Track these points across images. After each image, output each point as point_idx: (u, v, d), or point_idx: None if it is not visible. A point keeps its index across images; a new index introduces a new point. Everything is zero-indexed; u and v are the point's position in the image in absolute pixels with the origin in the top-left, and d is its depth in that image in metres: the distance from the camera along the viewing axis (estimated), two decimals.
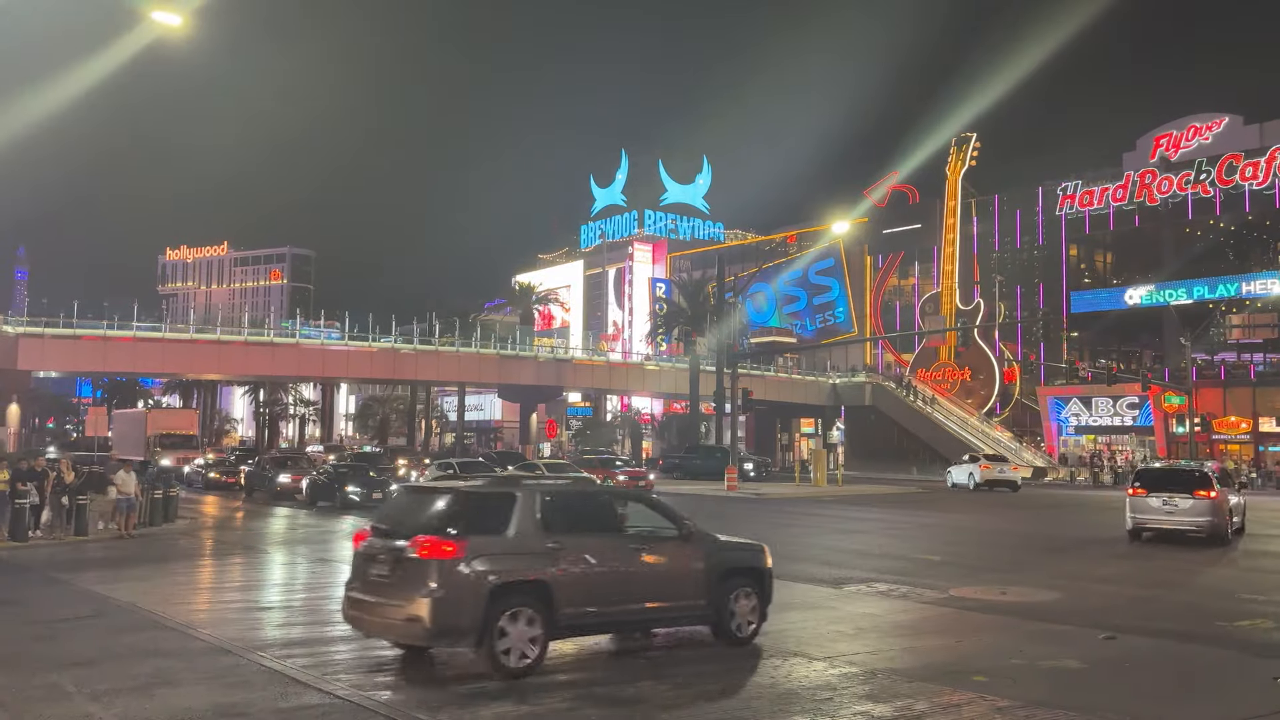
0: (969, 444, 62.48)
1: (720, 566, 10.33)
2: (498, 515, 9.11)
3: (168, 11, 18.98)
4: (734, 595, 10.25)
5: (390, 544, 9.06)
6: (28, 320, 48.03)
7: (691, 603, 10.01)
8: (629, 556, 9.69)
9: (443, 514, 9.07)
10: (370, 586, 9.15)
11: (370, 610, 9.08)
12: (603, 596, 9.34)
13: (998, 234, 73.66)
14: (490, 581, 8.64)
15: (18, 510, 19.64)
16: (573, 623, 9.20)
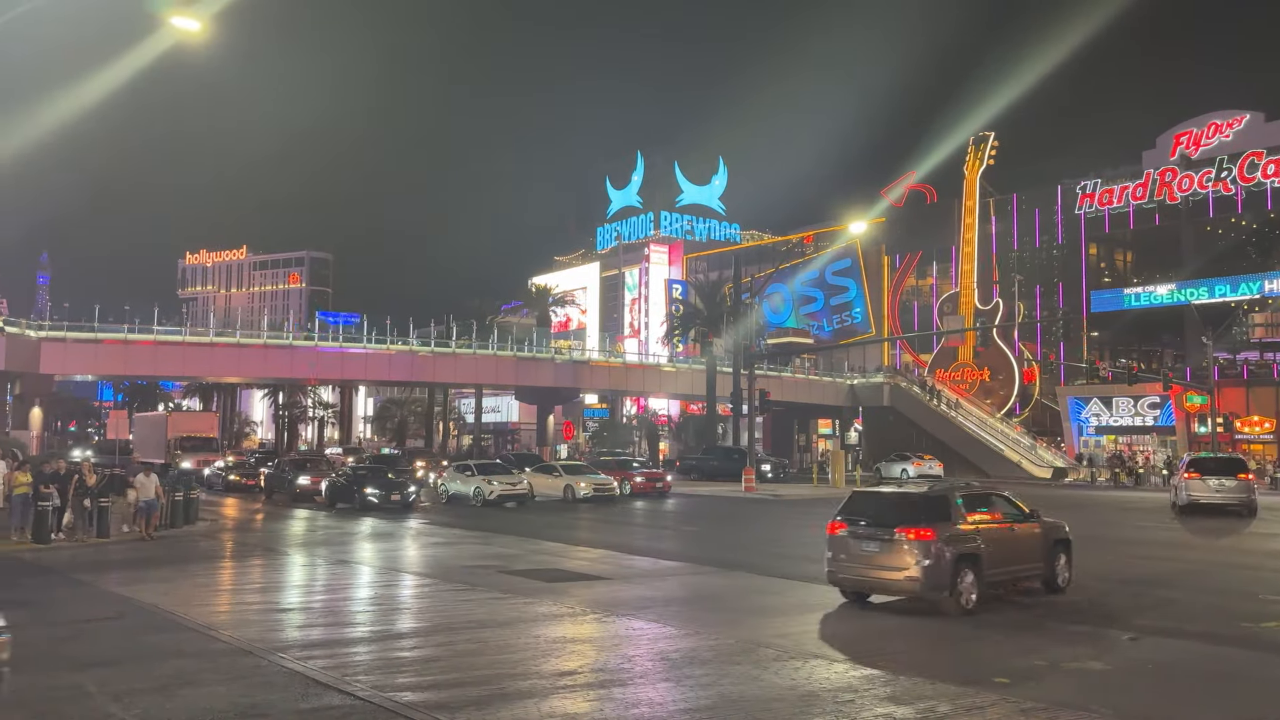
0: (988, 444, 62.12)
1: (1050, 537, 14.45)
2: (943, 510, 12.99)
3: (186, 17, 19.08)
4: (1057, 558, 14.47)
5: (878, 530, 12.91)
6: (50, 324, 48.46)
7: (1037, 565, 14.11)
8: (1009, 534, 13.75)
9: (914, 510, 13.03)
10: (862, 559, 13.02)
11: (869, 574, 12.98)
12: (1001, 560, 13.32)
13: (1016, 233, 73.22)
14: (952, 553, 12.54)
15: (40, 512, 19.80)
16: (990, 579, 13.07)
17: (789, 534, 24.67)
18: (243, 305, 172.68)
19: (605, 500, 34.59)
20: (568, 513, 30.81)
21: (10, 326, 45.96)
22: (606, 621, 12.06)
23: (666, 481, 40.19)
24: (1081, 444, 65.17)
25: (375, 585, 16.08)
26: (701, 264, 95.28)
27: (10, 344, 44.56)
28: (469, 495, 33.23)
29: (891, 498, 13.86)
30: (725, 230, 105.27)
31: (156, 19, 19.50)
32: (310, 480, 34.96)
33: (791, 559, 18.78)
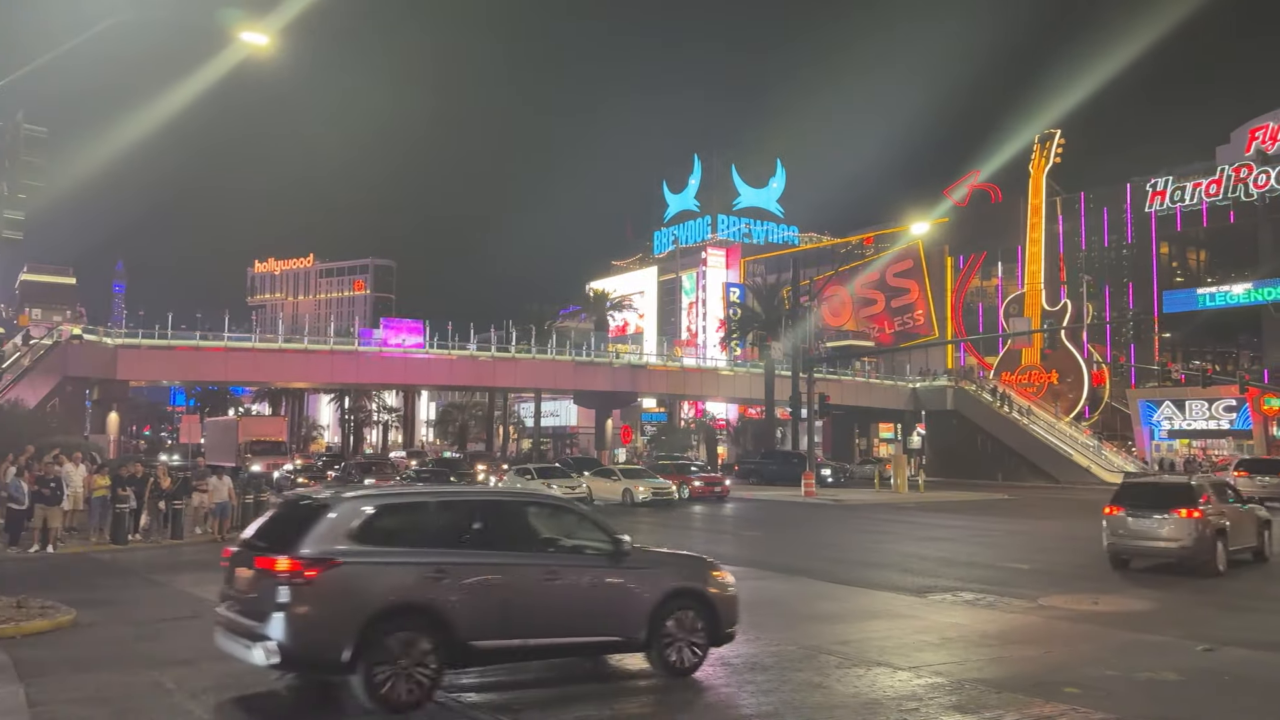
0: (1056, 449, 60.77)
1: (1261, 518, 18.93)
2: (1201, 496, 16.70)
3: (255, 32, 19.61)
4: (1264, 534, 18.79)
5: (1153, 511, 16.85)
6: (125, 332, 49.99)
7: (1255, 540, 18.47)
8: (1239, 514, 17.70)
9: (1181, 495, 16.75)
10: (1138, 533, 17.10)
11: (1145, 544, 17.11)
12: (1237, 536, 17.62)
13: (1084, 232, 71.56)
14: (1211, 528, 16.33)
15: (118, 515, 20.44)
16: (1230, 549, 17.24)
17: (850, 539, 24.43)
18: (309, 312, 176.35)
19: (663, 504, 34.61)
20: (626, 516, 30.87)
21: (89, 334, 47.53)
22: None
23: (725, 486, 40.08)
24: (1153, 448, 63.44)
25: None
26: (759, 267, 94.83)
27: (88, 351, 46.10)
28: None
29: (1162, 485, 18.61)
30: (783, 233, 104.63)
31: (226, 34, 20.08)
32: (375, 483, 35.59)
33: (853, 565, 18.61)
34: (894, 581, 16.11)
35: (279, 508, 9.42)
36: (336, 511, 8.24)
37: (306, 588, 7.65)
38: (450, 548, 8.40)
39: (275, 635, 7.60)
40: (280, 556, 7.80)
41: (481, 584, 8.28)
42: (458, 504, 9.39)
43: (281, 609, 7.61)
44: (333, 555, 7.83)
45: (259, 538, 8.59)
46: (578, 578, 8.90)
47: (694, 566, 9.98)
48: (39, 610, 11.66)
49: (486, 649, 8.33)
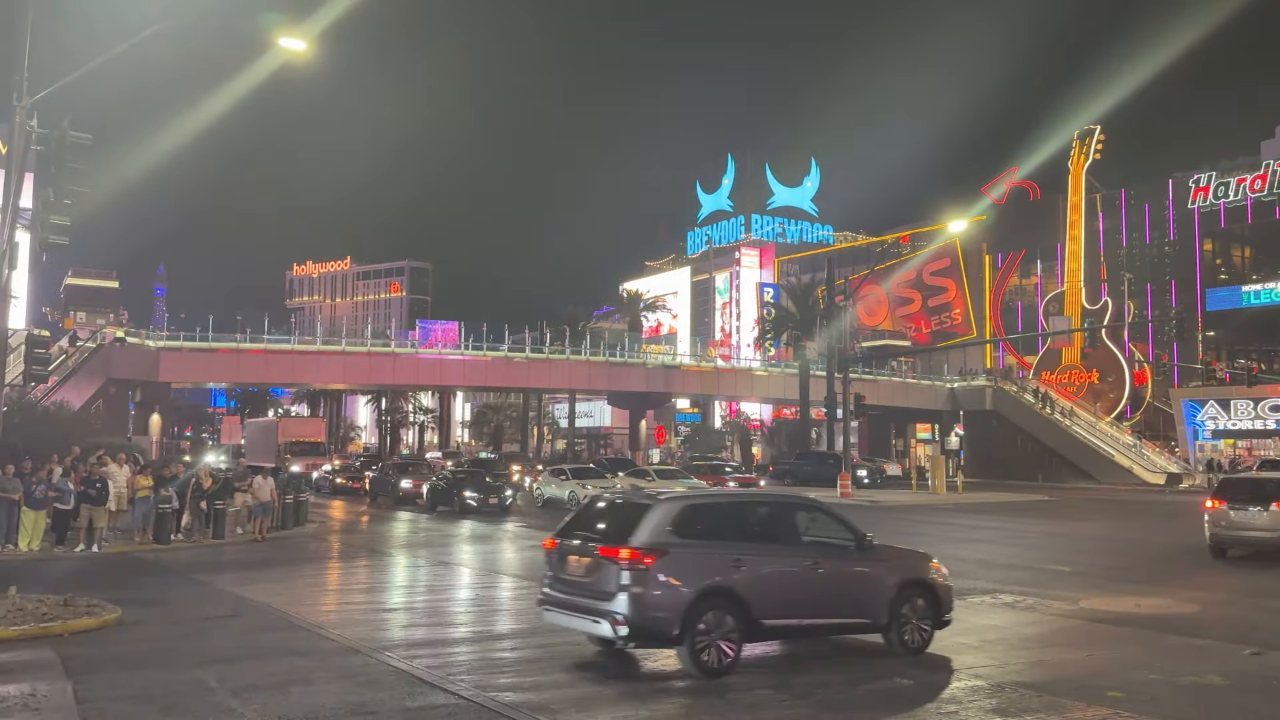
0: (1097, 449, 59.93)
1: None
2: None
3: (293, 38, 19.87)
4: None
5: (1252, 503, 18.75)
6: (167, 335, 50.85)
7: None
8: None
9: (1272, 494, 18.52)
10: (1238, 524, 18.83)
11: (1244, 534, 18.94)
12: None
13: (1125, 230, 70.52)
14: None
15: (161, 515, 20.79)
16: None
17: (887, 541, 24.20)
18: (347, 314, 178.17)
19: None
20: None
21: (131, 337, 48.39)
22: None
23: (760, 486, 39.94)
24: (1197, 448, 62.33)
25: (475, 587, 16.42)
26: (793, 266, 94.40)
27: (131, 354, 46.94)
28: (563, 499, 33.62)
29: (1260, 480, 20.64)
30: (818, 232, 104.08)
31: (266, 40, 20.35)
32: (412, 484, 35.89)
33: None
34: None
35: (597, 505, 10.77)
36: (660, 510, 9.69)
37: (645, 572, 9.10)
38: (743, 541, 9.94)
39: (621, 611, 9.01)
40: (621, 547, 9.23)
41: (768, 572, 9.76)
42: (745, 504, 11.67)
43: (624, 590, 9.06)
44: (662, 546, 9.28)
45: (582, 531, 10.10)
46: (837, 567, 10.27)
47: (919, 559, 11.28)
48: (85, 609, 11.89)
49: (772, 626, 9.79)
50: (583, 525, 10.22)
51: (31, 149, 19.29)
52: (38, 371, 21.52)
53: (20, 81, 19.12)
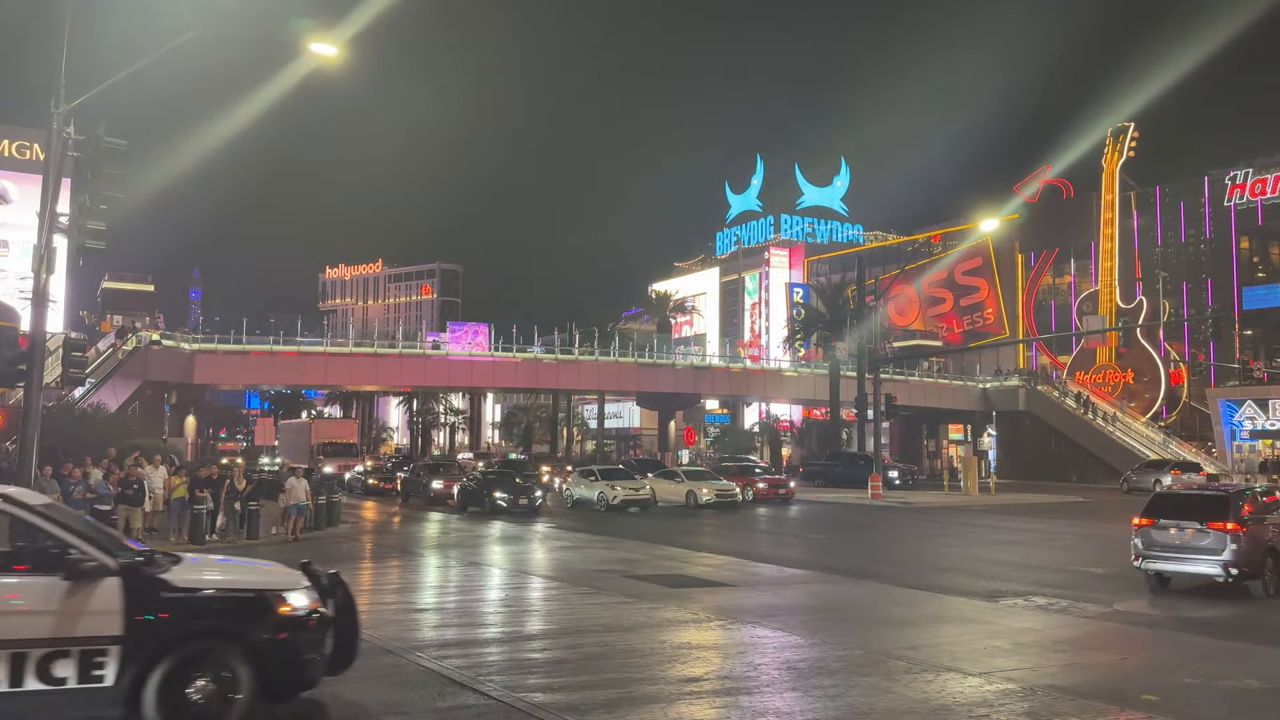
0: (1133, 450, 59.13)
1: None
2: None
3: (324, 43, 20.09)
4: None
5: None
6: (202, 337, 51.50)
7: None
8: None
9: None
10: None
11: None
12: None
13: (1160, 228, 69.56)
14: None
15: (196, 515, 21.07)
16: None
17: (919, 543, 24.07)
18: (379, 316, 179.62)
19: (727, 506, 34.51)
20: (690, 518, 30.87)
21: (166, 340, 49.06)
22: (731, 629, 12.05)
23: (790, 488, 39.80)
24: (1234, 449, 61.34)
25: (505, 587, 16.49)
26: (823, 267, 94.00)
27: (167, 356, 47.58)
28: (593, 500, 33.69)
29: None
30: (848, 232, 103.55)
31: (298, 46, 20.57)
32: (443, 484, 36.08)
33: (922, 569, 18.34)
34: (964, 586, 15.83)
35: (1175, 496, 16.96)
36: (1234, 500, 15.13)
37: (1242, 537, 14.44)
38: None
39: (1230, 560, 14.35)
40: (1226, 523, 14.48)
41: None
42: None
43: (1230, 550, 14.35)
44: (1243, 521, 14.66)
45: (1168, 514, 15.22)
46: None
47: None
48: None
49: None
50: (1167, 511, 15.29)
51: (69, 155, 19.64)
52: (74, 374, 21.91)
53: (57, 88, 19.49)
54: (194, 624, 6.99)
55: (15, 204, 54.55)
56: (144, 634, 6.74)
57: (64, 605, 6.63)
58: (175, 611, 6.91)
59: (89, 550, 6.89)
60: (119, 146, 19.35)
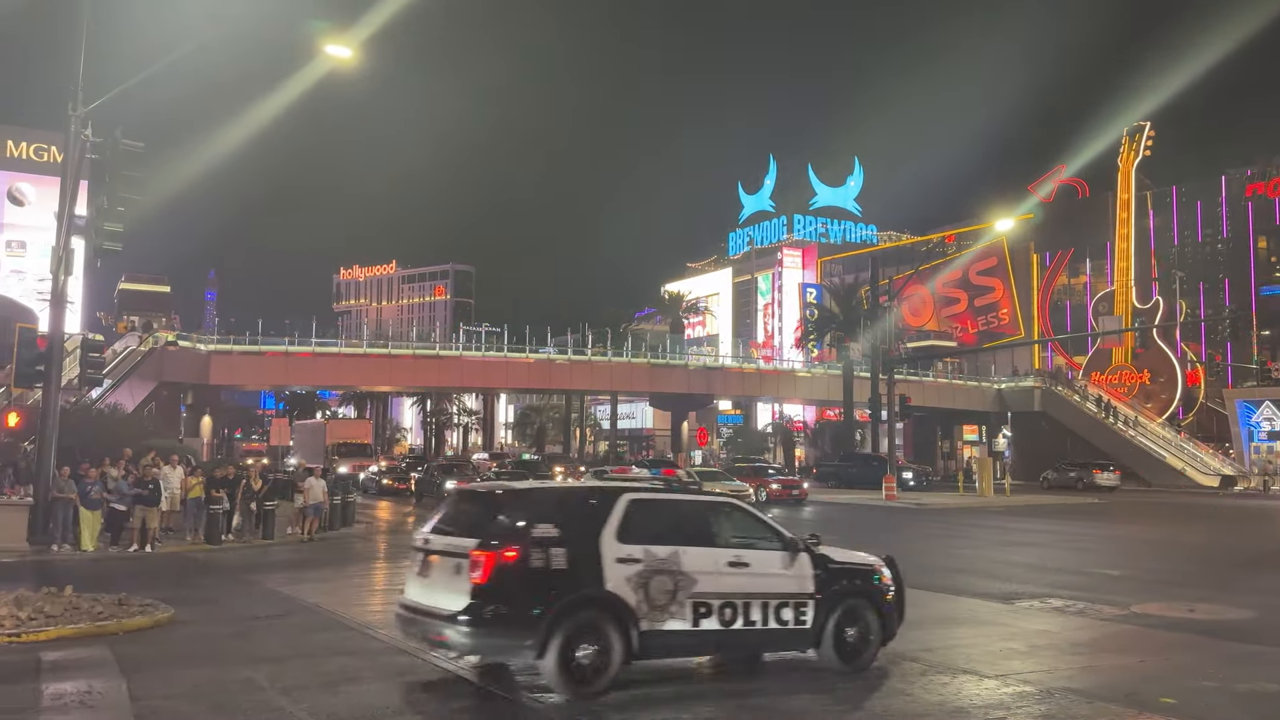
0: (1149, 451, 58.81)
1: None
2: None
3: (339, 44, 20.17)
4: None
5: None
6: (218, 338, 51.78)
7: None
8: None
9: None
10: None
11: None
12: None
13: (1176, 227, 69.18)
14: None
15: (212, 516, 21.16)
16: None
17: (933, 544, 23.96)
18: (393, 317, 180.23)
19: None
20: None
21: (183, 341, 49.34)
22: None
23: (803, 489, 39.72)
24: (1252, 450, 60.89)
25: None
26: (837, 267, 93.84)
27: (183, 357, 47.87)
28: None
29: None
30: (861, 232, 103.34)
31: (312, 48, 20.66)
32: (457, 485, 36.10)
33: (936, 570, 18.25)
34: (979, 587, 15.75)
35: None
36: None
37: None
38: None
39: None
40: None
41: None
42: None
43: None
44: None
45: None
46: None
47: None
48: (139, 608, 12.12)
49: None
50: None
51: (86, 157, 19.78)
52: (92, 375, 22.08)
53: (75, 92, 19.64)
54: (848, 585, 9.53)
55: (33, 206, 54.96)
56: (827, 592, 9.29)
57: (786, 573, 9.20)
58: (839, 577, 9.49)
59: (787, 536, 9.47)
60: (136, 149, 19.46)
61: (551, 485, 11.41)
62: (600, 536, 8.35)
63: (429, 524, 9.17)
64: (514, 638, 8.02)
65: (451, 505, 9.52)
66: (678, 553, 8.56)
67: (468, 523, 8.66)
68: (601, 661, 8.12)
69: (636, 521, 8.59)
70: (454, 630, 8.05)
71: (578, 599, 8.14)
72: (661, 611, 8.37)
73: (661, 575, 8.39)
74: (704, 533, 9.08)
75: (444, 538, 8.64)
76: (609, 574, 8.23)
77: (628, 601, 8.22)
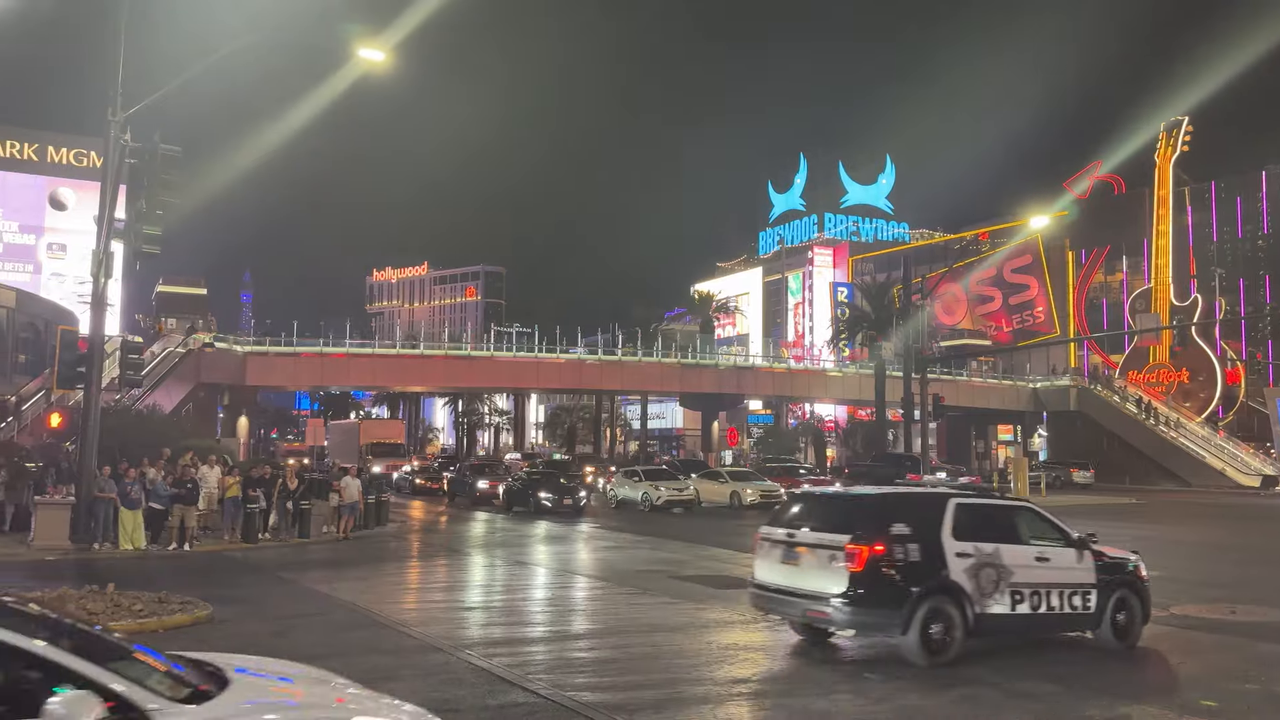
0: (1188, 451, 57.92)
1: None
2: None
3: (372, 48, 20.35)
4: None
5: None
6: (254, 339, 52.40)
7: None
8: None
9: None
10: None
11: None
12: None
13: (1215, 223, 68.09)
14: None
15: (249, 515, 21.43)
16: None
17: None
18: (425, 319, 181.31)
19: (772, 507, 34.25)
20: (734, 519, 30.78)
21: (220, 342, 50.00)
22: (779, 630, 11.99)
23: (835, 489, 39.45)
24: None
25: (551, 587, 16.58)
26: (868, 265, 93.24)
27: (220, 358, 48.50)
28: (636, 500, 33.73)
29: None
30: (893, 230, 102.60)
31: (346, 52, 20.85)
32: (489, 484, 36.34)
33: None
34: None
35: None
36: None
37: None
38: None
39: None
40: None
41: None
42: None
43: None
44: None
45: None
46: None
47: None
48: (179, 605, 12.31)
49: None
50: None
51: (125, 162, 20.08)
52: (131, 376, 22.41)
53: (114, 98, 19.96)
54: (1119, 576, 10.85)
55: (73, 210, 56.00)
56: (1104, 582, 10.61)
57: (1077, 566, 10.55)
58: (1112, 569, 10.81)
59: (1074, 535, 10.86)
60: (174, 153, 19.72)
61: (895, 490, 12.70)
62: (940, 534, 9.90)
63: (776, 521, 10.96)
64: (884, 616, 9.62)
65: (803, 506, 11.13)
66: (998, 549, 10.07)
67: (831, 521, 10.17)
68: (949, 637, 9.60)
69: (963, 522, 10.08)
70: (833, 608, 9.61)
71: (932, 585, 9.62)
72: (987, 597, 9.83)
73: (988, 567, 9.89)
74: (1011, 531, 10.52)
75: (813, 533, 10.14)
76: (951, 565, 9.76)
77: (965, 588, 9.72)
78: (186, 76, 20.10)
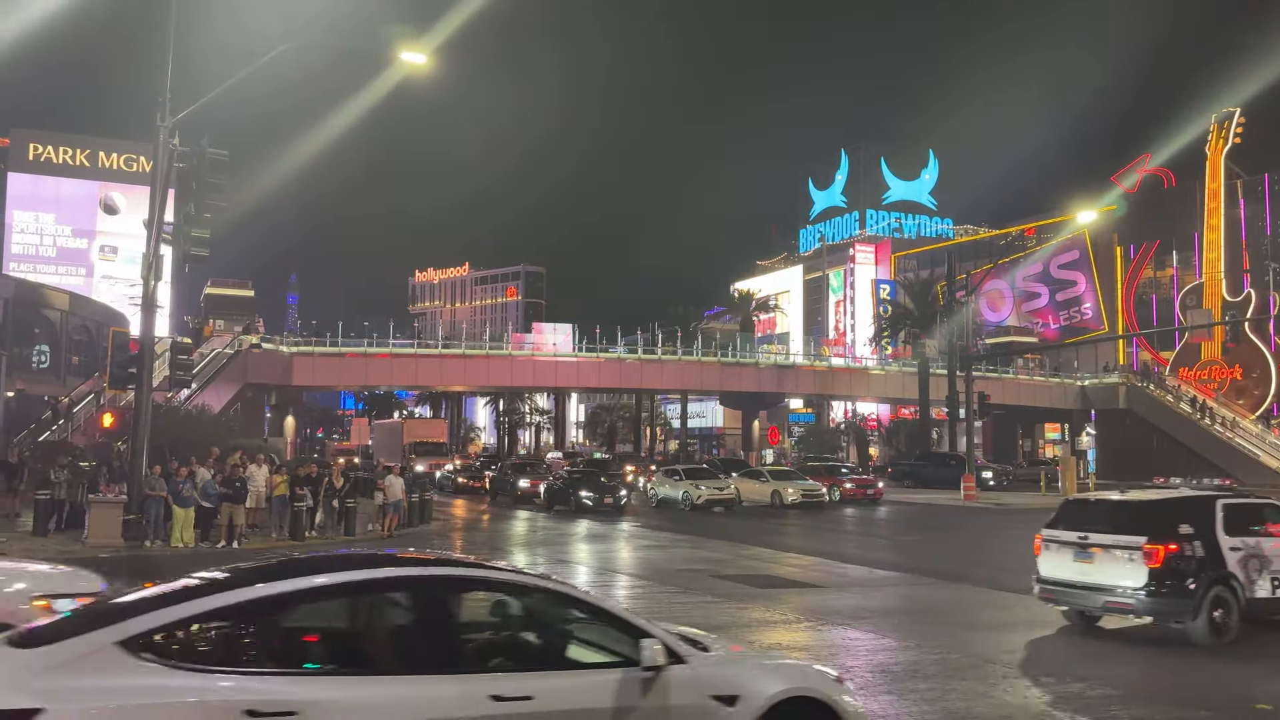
0: (1242, 450, 56.62)
1: None
2: None
3: (414, 50, 20.53)
4: None
5: None
6: (300, 340, 53.16)
7: None
8: None
9: None
10: None
11: None
12: None
13: (1269, 217, 66.40)
14: None
15: (296, 512, 21.73)
16: None
17: (1015, 546, 23.35)
18: (466, 319, 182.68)
19: (813, 506, 34.12)
20: (775, 518, 30.63)
21: (266, 343, 50.80)
22: (822, 630, 11.91)
23: (878, 488, 39.17)
24: None
25: (593, 585, 16.58)
26: (911, 262, 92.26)
27: (267, 359, 49.27)
28: (677, 499, 33.69)
29: None
30: (936, 226, 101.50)
31: (389, 54, 21.05)
32: (530, 483, 36.48)
33: (1019, 572, 17.73)
34: None
35: None
36: None
37: None
38: None
39: None
40: None
41: None
42: None
43: None
44: None
45: None
46: None
47: None
48: None
49: None
50: None
51: (174, 166, 20.45)
52: (181, 377, 22.81)
53: (163, 103, 20.32)
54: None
55: (124, 214, 57.20)
56: None
57: None
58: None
59: None
60: (221, 157, 20.03)
61: (1174, 495, 13.53)
62: (1216, 532, 11.00)
63: (1059, 524, 12.09)
64: (1178, 605, 10.71)
65: (1082, 511, 12.30)
66: (1260, 542, 11.19)
67: (1123, 525, 11.25)
68: (1229, 620, 10.75)
69: (1230, 519, 11.21)
70: (1135, 600, 10.82)
71: (1215, 575, 10.74)
72: (1253, 585, 10.97)
73: (1254, 558, 11.04)
74: (1260, 525, 11.47)
75: (1108, 535, 11.19)
76: (1227, 558, 10.89)
77: (1239, 578, 10.87)
78: (233, 81, 20.41)
